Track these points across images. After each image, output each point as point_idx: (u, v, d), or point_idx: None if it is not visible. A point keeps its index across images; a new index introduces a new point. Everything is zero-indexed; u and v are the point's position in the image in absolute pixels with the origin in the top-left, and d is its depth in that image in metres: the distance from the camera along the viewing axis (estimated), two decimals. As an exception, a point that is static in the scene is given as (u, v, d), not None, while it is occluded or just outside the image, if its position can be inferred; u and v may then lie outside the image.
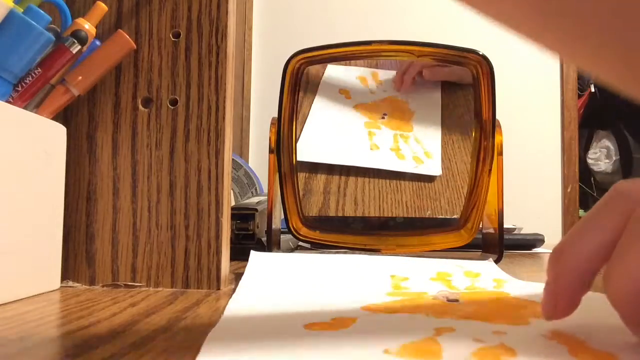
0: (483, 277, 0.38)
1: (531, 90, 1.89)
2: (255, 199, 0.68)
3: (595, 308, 0.27)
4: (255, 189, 0.97)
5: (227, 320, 0.23)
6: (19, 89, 0.33)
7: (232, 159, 0.54)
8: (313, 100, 0.66)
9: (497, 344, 0.20)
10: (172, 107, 0.36)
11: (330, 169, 0.64)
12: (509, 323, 0.24)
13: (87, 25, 0.35)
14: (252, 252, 0.41)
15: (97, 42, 0.36)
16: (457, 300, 0.28)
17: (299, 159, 0.56)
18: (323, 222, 0.58)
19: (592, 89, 2.43)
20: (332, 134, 0.65)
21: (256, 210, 0.57)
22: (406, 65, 0.64)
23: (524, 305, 0.28)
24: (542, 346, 0.20)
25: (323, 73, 0.67)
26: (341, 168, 0.64)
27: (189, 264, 0.35)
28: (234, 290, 0.34)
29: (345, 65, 0.68)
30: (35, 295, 0.31)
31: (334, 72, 0.67)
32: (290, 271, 0.38)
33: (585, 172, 2.43)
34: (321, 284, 0.34)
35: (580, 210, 1.98)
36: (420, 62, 0.63)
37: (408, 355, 0.18)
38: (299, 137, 0.58)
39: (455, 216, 0.57)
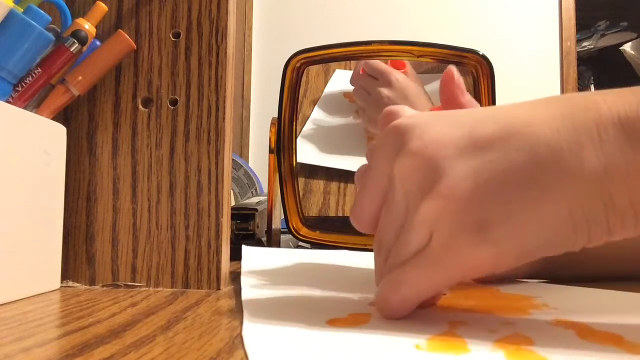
0: None
1: (531, 90, 1.89)
2: (255, 199, 0.68)
3: (588, 301, 0.29)
4: (255, 189, 0.97)
5: (250, 322, 0.23)
6: (19, 89, 0.33)
7: (232, 159, 0.54)
8: (317, 101, 0.66)
9: (512, 334, 0.21)
10: (172, 107, 0.36)
11: (330, 170, 0.64)
12: (512, 314, 0.25)
13: (87, 25, 0.35)
14: (243, 246, 0.42)
15: (97, 42, 0.36)
16: (444, 293, 0.29)
17: (298, 160, 0.56)
18: (323, 222, 0.58)
19: (592, 89, 2.43)
20: (331, 137, 0.65)
21: (256, 210, 0.57)
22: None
23: (517, 299, 0.29)
24: (551, 332, 0.22)
25: (330, 76, 0.67)
26: (340, 169, 0.64)
27: (189, 264, 0.35)
28: (234, 290, 0.34)
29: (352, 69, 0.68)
30: (35, 295, 0.31)
31: (341, 75, 0.67)
32: (285, 267, 0.38)
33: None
34: (320, 280, 0.35)
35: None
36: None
37: (437, 349, 0.19)
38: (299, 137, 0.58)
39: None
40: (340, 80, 0.67)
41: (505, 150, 0.21)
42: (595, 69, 2.48)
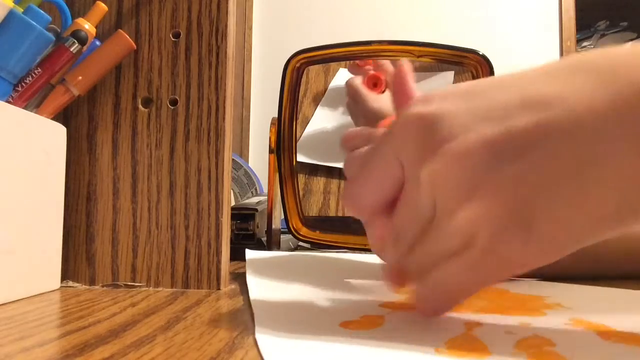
0: None
1: (531, 90, 1.89)
2: (255, 199, 0.68)
3: (599, 299, 0.28)
4: (255, 189, 0.97)
5: (262, 326, 0.23)
6: (19, 89, 0.33)
7: (232, 159, 0.54)
8: (318, 101, 0.66)
9: (531, 335, 0.21)
10: (172, 107, 0.36)
11: (330, 170, 0.64)
12: (527, 315, 0.25)
13: (87, 25, 0.35)
14: (247, 250, 0.42)
15: (97, 42, 0.36)
16: None
17: (298, 159, 0.56)
18: (323, 222, 0.58)
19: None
20: (332, 137, 0.65)
21: (256, 210, 0.57)
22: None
23: (529, 299, 0.29)
24: (572, 334, 0.21)
25: (330, 75, 0.67)
26: (340, 169, 0.64)
27: (189, 264, 0.35)
28: (234, 290, 0.34)
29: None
30: (35, 295, 0.31)
31: (344, 74, 0.67)
32: (290, 271, 0.38)
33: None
34: (327, 283, 0.34)
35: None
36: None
37: (458, 352, 0.19)
38: (299, 137, 0.58)
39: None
40: (343, 79, 0.67)
41: (545, 146, 0.20)
42: (595, 69, 2.47)
